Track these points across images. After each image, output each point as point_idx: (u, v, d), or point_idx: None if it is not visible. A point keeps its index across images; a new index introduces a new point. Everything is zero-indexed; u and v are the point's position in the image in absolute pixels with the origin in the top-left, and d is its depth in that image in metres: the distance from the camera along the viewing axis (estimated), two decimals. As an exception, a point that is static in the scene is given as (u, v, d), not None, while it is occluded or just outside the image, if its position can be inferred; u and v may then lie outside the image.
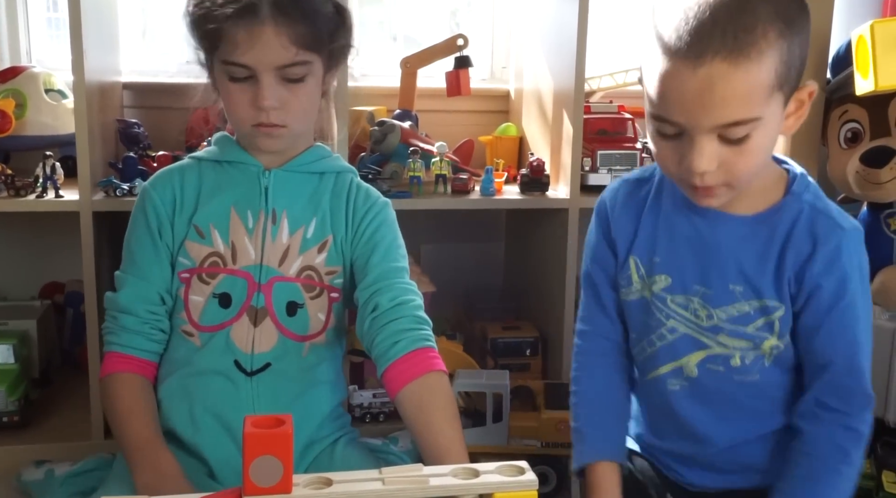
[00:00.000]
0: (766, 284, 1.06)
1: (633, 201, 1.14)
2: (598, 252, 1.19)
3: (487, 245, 2.22)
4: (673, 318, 1.11)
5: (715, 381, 1.11)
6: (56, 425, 1.68)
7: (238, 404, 1.23)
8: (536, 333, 1.89)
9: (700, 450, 1.15)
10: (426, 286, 1.81)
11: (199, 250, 1.25)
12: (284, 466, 0.93)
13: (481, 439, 1.53)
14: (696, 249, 1.08)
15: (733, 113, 0.93)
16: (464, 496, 1.03)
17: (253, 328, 1.23)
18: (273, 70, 1.16)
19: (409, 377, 1.16)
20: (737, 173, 0.98)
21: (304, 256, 1.26)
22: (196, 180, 1.28)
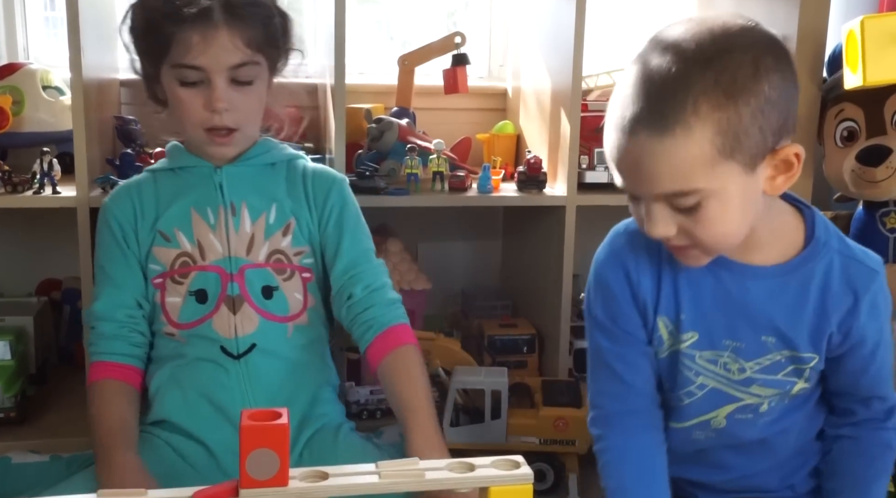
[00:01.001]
0: (801, 336, 1.04)
1: (651, 259, 1.06)
2: (620, 313, 1.08)
3: (484, 243, 2.22)
4: (702, 374, 1.07)
5: (742, 428, 1.10)
6: (52, 422, 1.68)
7: (230, 386, 1.27)
8: (533, 330, 1.89)
9: (715, 478, 1.16)
10: (423, 284, 1.82)
11: (168, 254, 1.29)
12: (281, 459, 0.93)
13: (479, 437, 1.53)
14: (723, 303, 1.04)
15: (666, 185, 0.92)
16: (459, 490, 1.03)
17: (233, 315, 1.28)
18: (225, 72, 1.21)
19: (383, 353, 1.27)
20: (702, 240, 0.96)
21: (270, 241, 1.30)
22: (153, 190, 1.32)
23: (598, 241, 1.48)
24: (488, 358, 1.83)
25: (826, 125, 1.83)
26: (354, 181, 1.69)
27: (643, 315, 1.07)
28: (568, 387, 1.65)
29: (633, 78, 0.92)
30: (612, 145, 0.95)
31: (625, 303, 1.07)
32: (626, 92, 0.92)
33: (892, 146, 1.69)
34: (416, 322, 1.82)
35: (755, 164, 0.92)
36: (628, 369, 1.09)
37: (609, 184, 1.78)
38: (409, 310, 1.80)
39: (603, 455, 1.11)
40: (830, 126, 1.82)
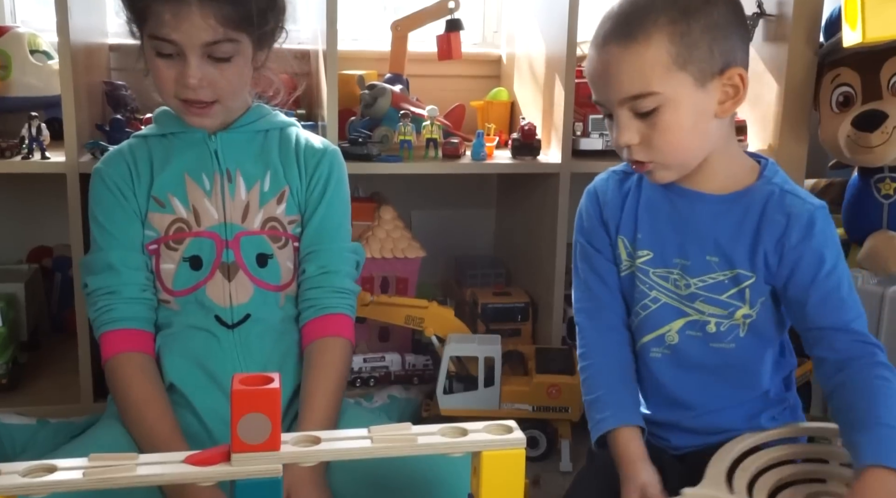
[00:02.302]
0: (739, 255, 1.14)
1: (621, 189, 1.24)
2: (593, 232, 1.24)
3: (478, 211, 2.21)
4: (655, 289, 1.19)
5: (693, 347, 1.18)
6: (45, 388, 1.68)
7: (223, 356, 1.26)
8: (527, 298, 1.88)
9: (680, 416, 1.20)
10: (416, 251, 1.81)
11: (162, 220, 1.27)
12: (272, 423, 0.92)
13: (473, 403, 1.53)
14: (676, 224, 1.17)
15: (628, 88, 1.07)
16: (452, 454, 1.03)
17: (227, 283, 1.27)
18: (199, 48, 1.18)
19: (312, 337, 1.28)
20: (658, 149, 1.09)
21: (265, 209, 1.29)
22: (146, 154, 1.30)
23: None
24: (482, 326, 1.83)
25: (822, 91, 1.82)
26: (347, 148, 1.68)
27: (608, 234, 1.23)
28: (561, 354, 1.65)
29: (610, 8, 1.10)
30: (589, 60, 1.12)
31: (595, 223, 1.24)
32: (604, 17, 1.11)
33: (888, 111, 1.68)
34: (408, 290, 1.81)
35: (705, 80, 1.07)
36: (597, 283, 1.24)
37: (603, 151, 1.79)
38: (401, 278, 1.82)
39: (583, 372, 1.24)
40: (826, 91, 1.81)
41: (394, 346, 1.83)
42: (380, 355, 1.78)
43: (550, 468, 1.54)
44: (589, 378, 1.22)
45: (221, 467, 0.93)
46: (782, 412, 1.21)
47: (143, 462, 0.94)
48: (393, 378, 1.78)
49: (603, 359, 1.22)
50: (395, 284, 1.81)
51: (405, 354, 1.80)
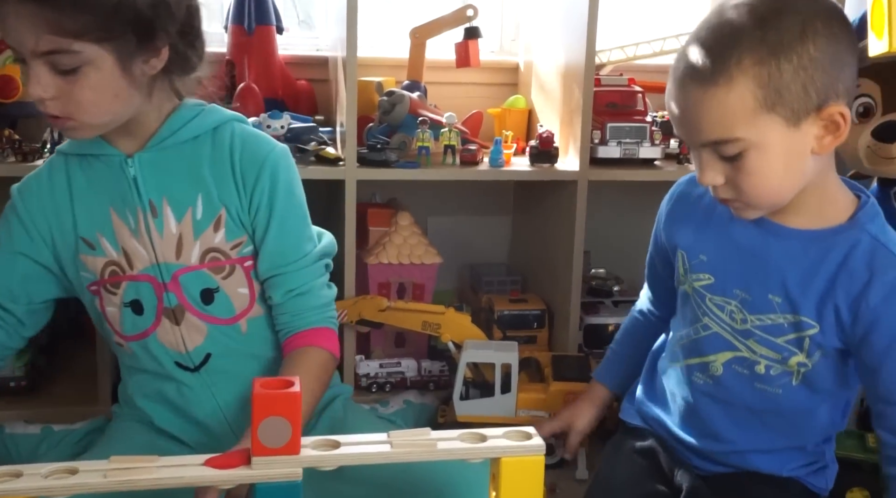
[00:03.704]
0: (806, 301, 1.06)
1: (691, 198, 1.18)
2: (658, 236, 1.25)
3: (494, 218, 2.21)
4: (708, 315, 1.14)
5: (737, 383, 1.13)
6: (62, 391, 1.69)
7: (195, 399, 1.22)
8: (543, 305, 1.88)
9: (709, 446, 1.17)
10: (433, 258, 1.81)
11: (95, 262, 1.18)
12: (293, 427, 0.93)
13: (489, 410, 1.53)
14: (743, 254, 1.10)
15: (710, 133, 0.99)
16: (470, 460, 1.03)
17: (177, 327, 1.19)
18: (39, 57, 1.02)
19: (287, 351, 1.20)
20: (746, 192, 1.02)
21: (201, 240, 1.17)
22: (65, 183, 1.18)
23: (609, 217, 1.48)
24: (497, 333, 1.82)
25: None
26: (365, 154, 1.69)
27: (669, 244, 1.20)
28: (578, 362, 1.65)
29: (693, 35, 1.01)
30: (668, 94, 1.04)
31: (661, 227, 1.22)
32: (685, 48, 1.02)
33: (908, 122, 1.67)
34: (425, 296, 1.82)
35: (798, 120, 0.97)
36: (649, 280, 1.34)
37: (621, 159, 1.79)
38: (418, 284, 1.82)
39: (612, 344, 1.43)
40: (846, 102, 1.80)
41: (410, 351, 1.83)
42: (395, 361, 1.78)
43: (566, 476, 1.53)
44: (610, 347, 1.42)
45: (241, 471, 0.94)
46: (815, 462, 1.16)
47: (164, 464, 0.94)
48: (409, 384, 1.77)
49: (626, 336, 1.39)
50: (412, 290, 1.82)
51: (421, 359, 1.80)
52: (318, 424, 1.28)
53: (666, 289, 1.26)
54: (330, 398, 1.34)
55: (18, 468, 0.92)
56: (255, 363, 1.24)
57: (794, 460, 1.15)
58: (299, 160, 1.61)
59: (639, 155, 1.80)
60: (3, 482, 0.89)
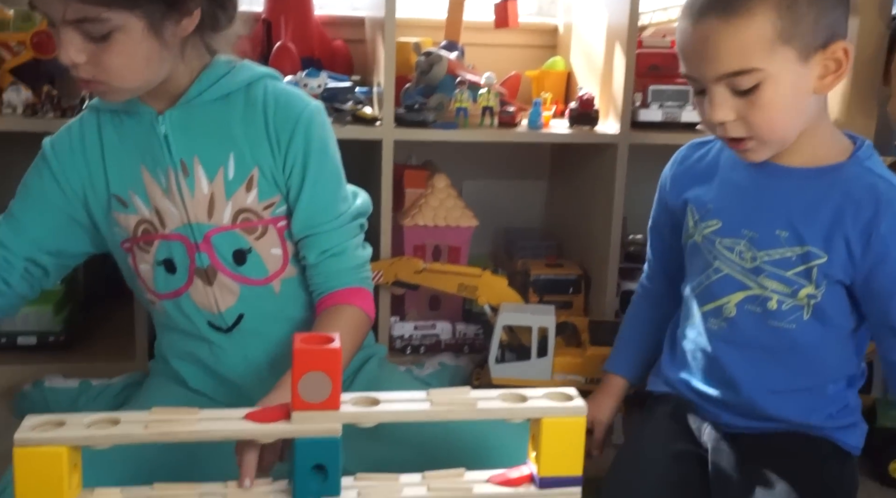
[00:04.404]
0: (812, 232, 1.09)
1: (692, 160, 1.24)
2: (655, 216, 1.31)
3: (529, 183, 2.19)
4: (719, 259, 1.16)
5: (751, 323, 1.15)
6: (100, 347, 1.70)
7: (229, 359, 1.22)
8: (579, 270, 1.86)
9: (731, 395, 1.17)
10: (469, 220, 1.80)
11: (128, 220, 1.18)
12: (333, 382, 0.92)
13: (525, 373, 1.52)
14: (747, 195, 1.14)
15: (728, 64, 1.02)
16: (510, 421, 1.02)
17: (209, 288, 1.18)
18: (69, 24, 1.01)
19: (320, 310, 1.18)
20: (757, 126, 1.05)
21: (233, 200, 1.16)
22: (96, 140, 1.17)
23: (649, 182, 1.47)
24: (533, 297, 1.81)
25: (893, 65, 1.76)
26: (402, 114, 1.67)
27: (676, 206, 1.24)
28: (615, 327, 1.62)
29: None
30: (682, 32, 1.06)
31: (664, 195, 1.27)
32: None
33: (962, 87, 1.62)
34: (460, 259, 1.80)
35: (808, 56, 1.02)
36: (654, 252, 1.35)
37: (662, 123, 1.75)
38: (454, 247, 1.81)
39: None
40: (897, 65, 1.75)
41: (444, 314, 1.82)
42: (430, 323, 1.77)
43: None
44: (618, 336, 1.42)
45: (281, 425, 0.93)
46: (840, 412, 1.16)
47: (204, 417, 0.94)
48: (443, 346, 1.77)
49: (631, 318, 1.39)
50: (447, 252, 1.80)
51: (456, 322, 1.79)
52: (354, 384, 1.28)
53: (670, 256, 1.30)
54: (365, 358, 1.33)
55: (61, 417, 0.92)
56: (288, 324, 1.23)
57: (818, 407, 1.15)
58: (336, 120, 1.59)
59: (680, 119, 1.76)
60: (46, 431, 0.90)
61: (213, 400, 1.24)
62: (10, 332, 1.61)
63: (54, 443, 0.88)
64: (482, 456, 1.12)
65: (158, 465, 1.03)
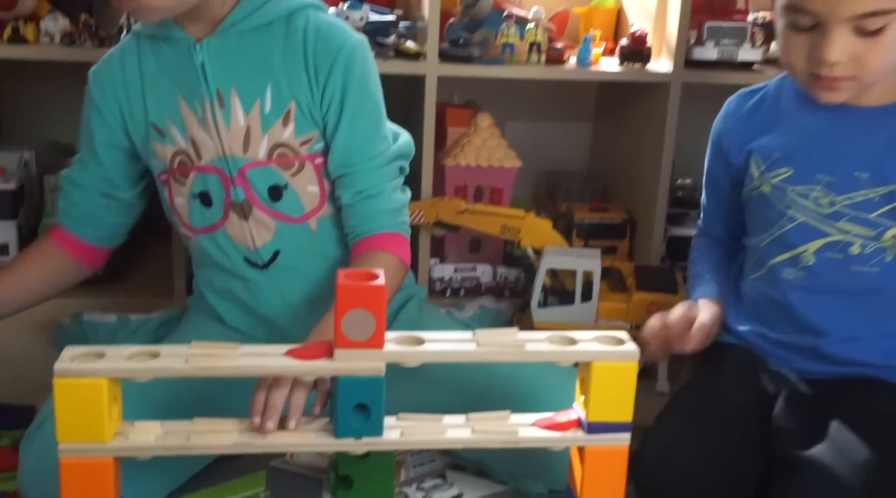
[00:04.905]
0: (894, 169, 1.06)
1: (747, 109, 1.20)
2: (711, 170, 1.27)
3: (574, 124, 2.13)
4: (792, 207, 1.13)
5: (831, 270, 1.11)
6: (139, 282, 1.70)
7: (266, 296, 1.21)
8: (625, 215, 1.81)
9: (811, 341, 1.14)
10: (512, 161, 1.75)
11: (164, 150, 1.16)
12: (377, 320, 0.89)
13: (568, 318, 1.49)
14: (819, 139, 1.11)
15: (870, 4, 0.98)
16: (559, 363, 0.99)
17: (245, 222, 1.16)
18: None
19: (353, 255, 1.15)
20: (867, 66, 1.01)
21: (269, 134, 1.13)
22: (136, 66, 1.15)
23: (701, 124, 1.41)
24: (577, 241, 1.77)
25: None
26: (447, 49, 1.62)
27: (734, 159, 1.19)
28: (662, 273, 1.59)
29: None
30: None
31: (716, 151, 1.23)
32: None
33: None
34: (503, 201, 1.76)
35: None
36: (713, 210, 1.29)
37: (718, 61, 1.68)
38: (496, 188, 1.76)
39: (692, 267, 1.30)
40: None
41: (485, 257, 1.79)
42: (471, 266, 1.74)
43: (647, 388, 1.49)
44: (689, 278, 1.29)
45: (323, 363, 0.91)
46: None
47: (245, 353, 0.92)
48: (483, 289, 1.74)
49: (710, 256, 1.29)
50: (490, 194, 1.76)
51: (497, 265, 1.76)
52: (394, 325, 1.26)
53: (729, 209, 1.26)
54: (405, 299, 1.31)
55: (101, 349, 0.91)
56: (326, 262, 1.21)
57: None
58: (378, 54, 1.54)
59: (737, 57, 1.69)
60: (86, 362, 0.88)
61: (250, 338, 1.23)
62: (50, 265, 1.61)
63: (94, 374, 0.87)
64: (525, 400, 1.10)
65: (193, 402, 1.02)
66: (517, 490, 1.18)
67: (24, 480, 1.03)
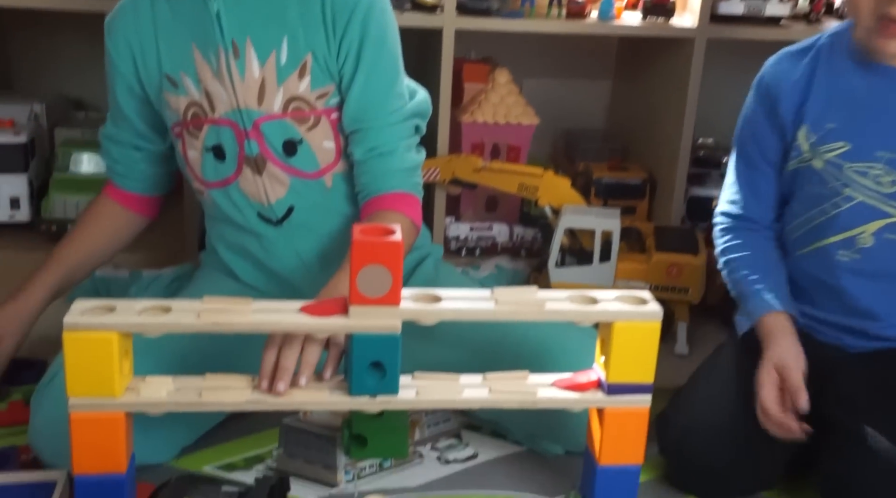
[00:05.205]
0: None
1: (801, 73, 1.10)
2: (758, 131, 1.14)
3: (593, 82, 2.08)
4: (850, 186, 1.06)
5: (891, 252, 1.06)
6: (151, 237, 1.65)
7: (279, 253, 1.19)
8: (645, 174, 1.77)
9: (861, 324, 1.10)
10: (531, 118, 1.71)
11: (178, 102, 1.14)
12: (393, 277, 0.87)
13: (586, 278, 1.46)
14: (880, 111, 1.04)
15: None
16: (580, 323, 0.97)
17: (259, 177, 1.14)
18: None
19: (363, 216, 1.13)
20: None
21: (285, 87, 1.10)
22: (149, 15, 1.13)
23: (722, 81, 1.35)
24: (595, 201, 1.73)
25: None
26: (464, 1, 1.57)
27: (781, 130, 1.11)
28: (683, 234, 1.55)
29: None
30: None
31: (762, 120, 1.13)
32: None
33: None
34: (520, 159, 1.73)
35: None
36: (751, 187, 1.16)
37: (744, 16, 1.63)
38: (513, 146, 1.73)
39: (726, 267, 1.16)
40: None
41: (501, 216, 1.76)
42: (487, 225, 1.71)
43: (665, 351, 1.44)
44: (734, 271, 1.15)
45: (338, 319, 0.89)
46: None
47: (258, 308, 0.90)
48: (499, 249, 1.71)
49: (750, 253, 1.14)
50: (507, 151, 1.72)
51: (513, 224, 1.73)
52: (409, 284, 1.23)
53: (765, 180, 1.16)
54: (421, 258, 1.29)
55: (112, 303, 0.89)
56: (340, 219, 1.19)
57: None
58: (394, 6, 1.49)
59: (764, 12, 1.63)
60: (97, 316, 0.86)
61: (264, 294, 1.22)
62: (62, 220, 1.59)
63: (104, 328, 0.86)
64: (543, 361, 1.07)
65: (205, 359, 1.00)
66: (533, 451, 1.16)
67: (35, 435, 1.02)
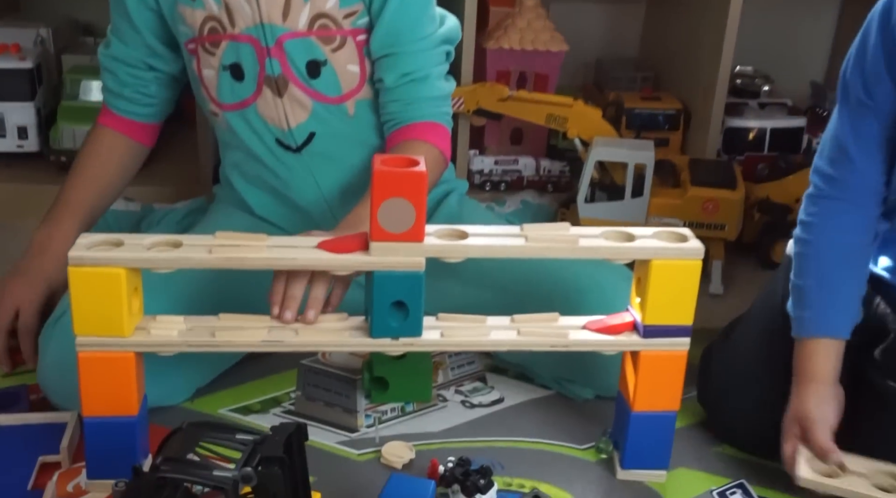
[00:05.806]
0: None
1: None
2: (874, 73, 0.91)
3: (624, 7, 1.98)
4: None
5: None
6: (163, 171, 1.63)
7: (298, 183, 1.14)
8: (679, 105, 1.69)
9: None
10: (560, 45, 1.63)
11: (194, 15, 1.07)
12: (417, 211, 0.81)
13: (616, 214, 1.40)
14: None
15: None
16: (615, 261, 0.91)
17: (279, 100, 1.08)
18: None
19: (390, 145, 1.08)
20: None
21: (312, 2, 1.04)
22: None
23: (762, 6, 1.22)
24: (626, 133, 1.65)
25: None
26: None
27: None
28: (720, 167, 1.48)
29: None
30: None
31: (878, 58, 0.90)
32: None
33: None
34: (548, 88, 1.65)
35: None
36: (853, 143, 0.94)
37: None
38: (541, 74, 1.65)
39: (798, 244, 0.98)
40: None
41: (527, 149, 1.69)
42: (512, 158, 1.65)
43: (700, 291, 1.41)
44: (802, 257, 0.97)
45: (359, 256, 0.84)
46: None
47: (273, 244, 0.85)
48: (525, 183, 1.65)
49: (828, 241, 0.96)
50: (534, 80, 1.65)
51: (539, 158, 1.66)
52: (433, 220, 1.18)
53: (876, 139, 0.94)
54: (445, 193, 1.23)
55: (119, 237, 0.84)
56: (363, 149, 1.13)
57: None
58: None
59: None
60: (104, 250, 0.82)
61: (281, 229, 1.17)
62: (71, 151, 1.54)
63: (112, 263, 0.81)
64: (574, 302, 1.02)
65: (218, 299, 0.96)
66: (561, 395, 1.12)
67: (43, 375, 0.99)
